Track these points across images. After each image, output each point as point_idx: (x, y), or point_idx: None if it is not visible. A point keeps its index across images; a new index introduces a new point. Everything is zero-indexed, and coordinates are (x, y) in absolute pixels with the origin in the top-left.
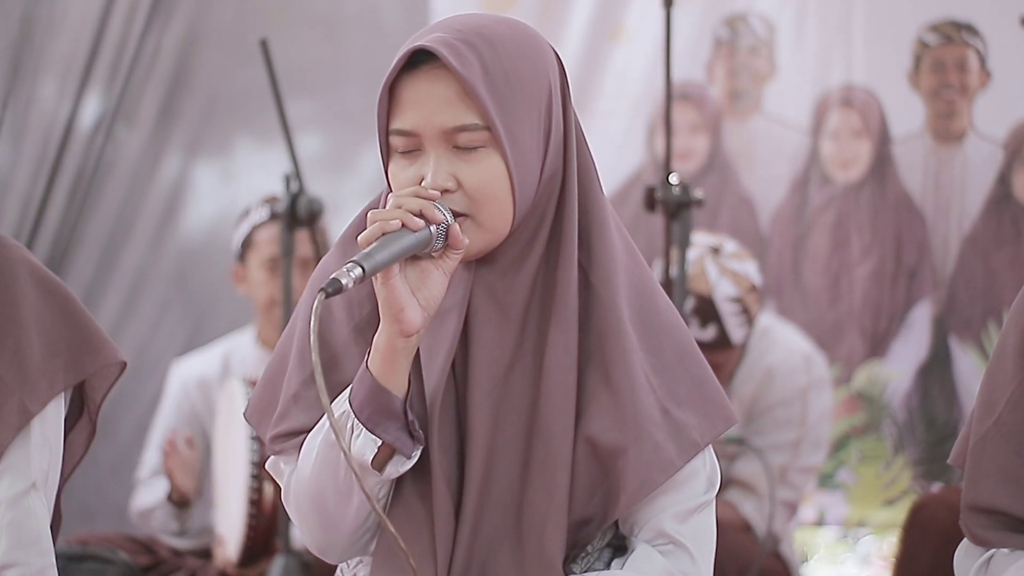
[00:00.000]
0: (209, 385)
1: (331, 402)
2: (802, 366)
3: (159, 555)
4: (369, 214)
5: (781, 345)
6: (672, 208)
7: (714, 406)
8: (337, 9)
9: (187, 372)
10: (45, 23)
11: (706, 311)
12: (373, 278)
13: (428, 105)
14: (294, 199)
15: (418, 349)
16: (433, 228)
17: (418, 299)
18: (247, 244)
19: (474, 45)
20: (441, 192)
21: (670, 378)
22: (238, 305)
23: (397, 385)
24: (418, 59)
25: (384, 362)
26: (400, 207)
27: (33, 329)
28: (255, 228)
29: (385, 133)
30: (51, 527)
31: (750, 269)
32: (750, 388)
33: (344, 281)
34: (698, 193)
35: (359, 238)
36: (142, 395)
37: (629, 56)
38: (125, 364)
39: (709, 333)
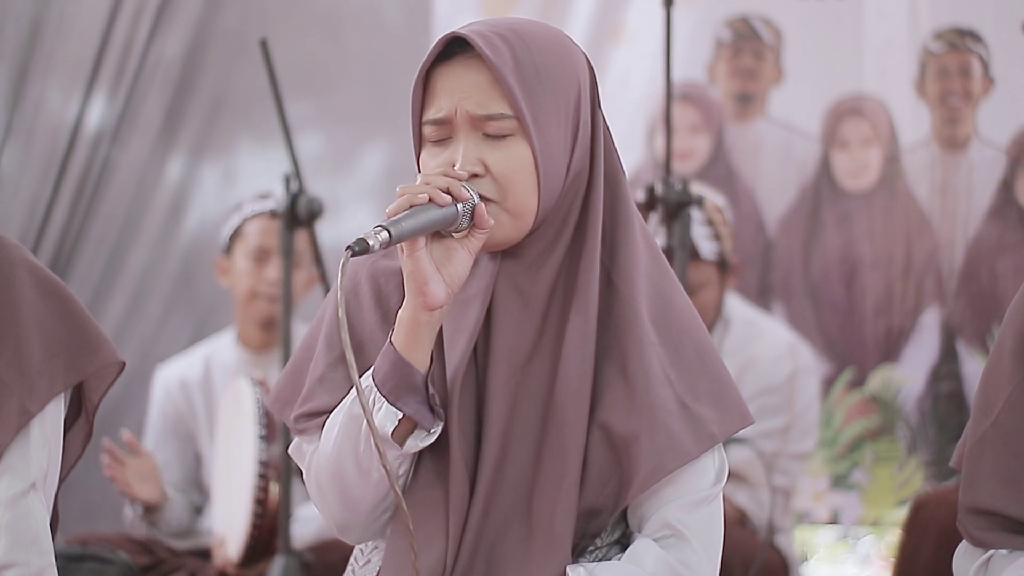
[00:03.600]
0: (190, 388)
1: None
2: (787, 353)
3: (159, 555)
4: (398, 188)
5: (765, 334)
6: (672, 207)
7: (732, 404)
8: (338, 9)
9: (169, 376)
10: (53, 27)
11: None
12: (399, 250)
13: (459, 91)
14: (294, 199)
15: (441, 334)
16: (460, 206)
17: (443, 275)
18: (236, 235)
19: (507, 39)
20: (469, 176)
21: (689, 374)
22: None
23: (419, 360)
24: (453, 51)
25: (407, 336)
26: (428, 183)
27: (32, 329)
28: (246, 220)
29: (419, 124)
30: (50, 527)
31: (720, 199)
32: (735, 376)
33: (371, 242)
34: (698, 192)
35: (387, 209)
36: (145, 396)
37: (630, 57)
38: (124, 364)
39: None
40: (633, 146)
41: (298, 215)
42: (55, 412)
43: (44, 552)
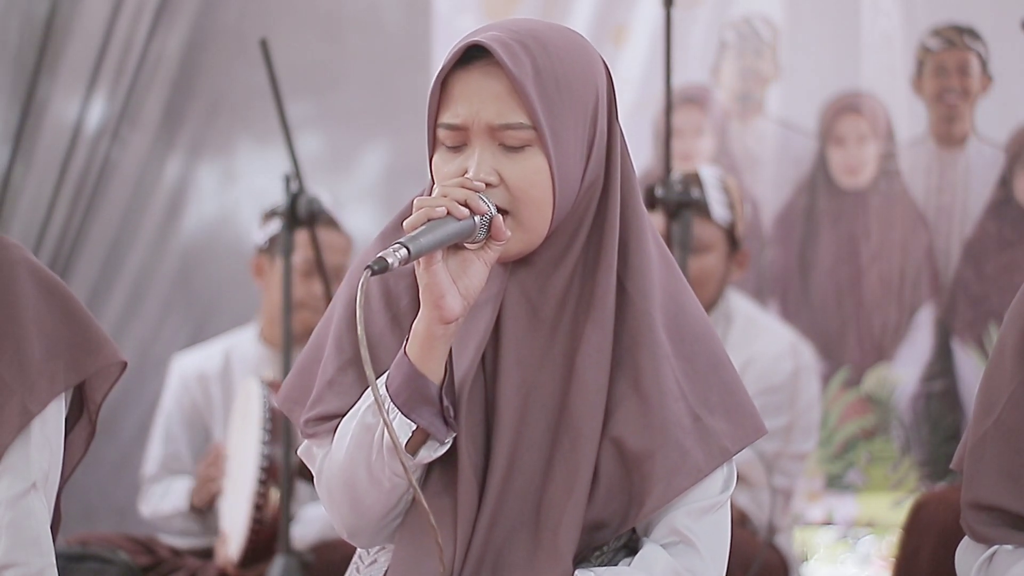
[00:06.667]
0: (208, 380)
1: (366, 388)
2: (789, 352)
3: (159, 555)
4: (415, 201)
5: (767, 332)
6: (672, 208)
7: (745, 414)
8: (338, 9)
9: (187, 366)
10: (56, 28)
11: (689, 179)
12: (415, 265)
13: (477, 99)
14: (294, 199)
15: None
16: (477, 218)
17: (458, 287)
18: (279, 241)
19: (528, 46)
20: (484, 186)
21: (703, 385)
22: (241, 304)
23: (433, 371)
24: (472, 55)
25: (422, 348)
26: (446, 196)
27: (33, 329)
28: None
29: (433, 126)
30: (51, 527)
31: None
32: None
33: (390, 260)
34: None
35: (404, 223)
36: (145, 395)
37: (633, 58)
38: (125, 364)
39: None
40: (639, 147)
41: (298, 215)
42: (56, 412)
43: (44, 552)
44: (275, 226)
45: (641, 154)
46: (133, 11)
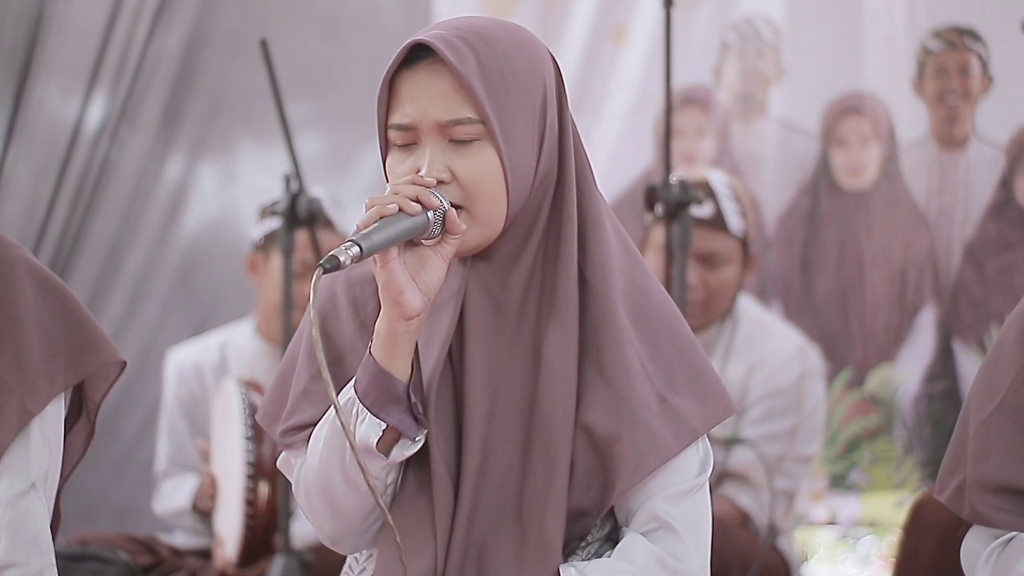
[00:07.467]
0: (204, 372)
1: (338, 393)
2: (796, 355)
3: (159, 555)
4: (367, 200)
5: (774, 335)
6: (672, 208)
7: (713, 394)
8: (337, 9)
9: (183, 360)
10: (53, 26)
11: (700, 188)
12: (373, 262)
13: (424, 98)
14: (294, 199)
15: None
16: (430, 214)
17: (417, 283)
18: (275, 238)
19: (471, 43)
20: (436, 183)
21: (668, 367)
22: (241, 304)
23: (399, 370)
24: (417, 55)
25: (386, 347)
26: (397, 193)
27: (33, 329)
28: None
29: (384, 128)
30: (51, 527)
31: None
32: (742, 377)
33: (342, 258)
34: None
35: (357, 223)
36: (145, 395)
37: (633, 58)
38: (125, 363)
39: (706, 210)
40: (641, 148)
41: (298, 215)
42: (56, 412)
43: (44, 552)
44: (271, 223)
45: (641, 154)
46: (132, 11)
